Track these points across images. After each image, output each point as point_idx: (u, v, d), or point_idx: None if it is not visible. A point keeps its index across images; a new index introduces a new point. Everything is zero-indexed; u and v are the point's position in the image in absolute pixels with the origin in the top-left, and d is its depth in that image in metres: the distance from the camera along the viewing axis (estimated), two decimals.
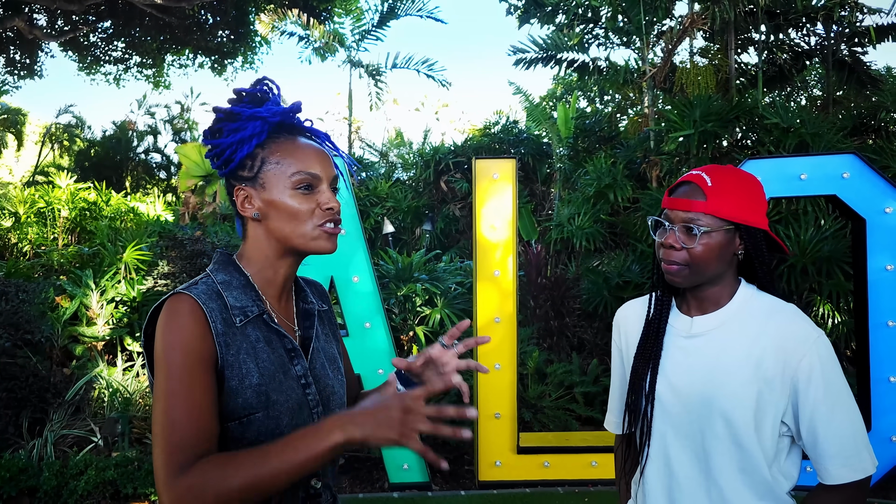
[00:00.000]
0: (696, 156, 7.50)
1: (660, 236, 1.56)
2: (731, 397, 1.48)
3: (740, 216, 1.49)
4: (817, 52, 10.83)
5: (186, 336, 1.23)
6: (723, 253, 1.51)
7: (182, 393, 1.21)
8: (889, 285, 4.56)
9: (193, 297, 1.27)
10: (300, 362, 1.37)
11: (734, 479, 1.50)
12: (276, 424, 1.28)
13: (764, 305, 1.55)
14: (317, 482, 1.37)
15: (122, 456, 4.61)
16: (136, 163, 20.78)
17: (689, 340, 1.57)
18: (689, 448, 1.54)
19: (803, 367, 1.45)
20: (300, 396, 1.34)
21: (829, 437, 1.45)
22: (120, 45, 17.61)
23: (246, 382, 1.27)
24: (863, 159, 4.62)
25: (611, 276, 7.47)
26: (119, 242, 7.52)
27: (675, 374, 1.57)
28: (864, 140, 8.21)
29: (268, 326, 1.35)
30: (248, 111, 1.36)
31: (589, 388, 5.85)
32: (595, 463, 4.84)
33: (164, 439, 1.20)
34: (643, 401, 1.60)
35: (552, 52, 10.30)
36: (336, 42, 12.50)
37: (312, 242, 1.36)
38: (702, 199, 1.49)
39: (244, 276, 1.38)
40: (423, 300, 6.31)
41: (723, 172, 1.52)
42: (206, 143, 1.39)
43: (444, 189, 12.34)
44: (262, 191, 1.35)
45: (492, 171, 4.84)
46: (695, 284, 1.55)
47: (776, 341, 1.48)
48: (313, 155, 1.38)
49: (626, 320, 1.76)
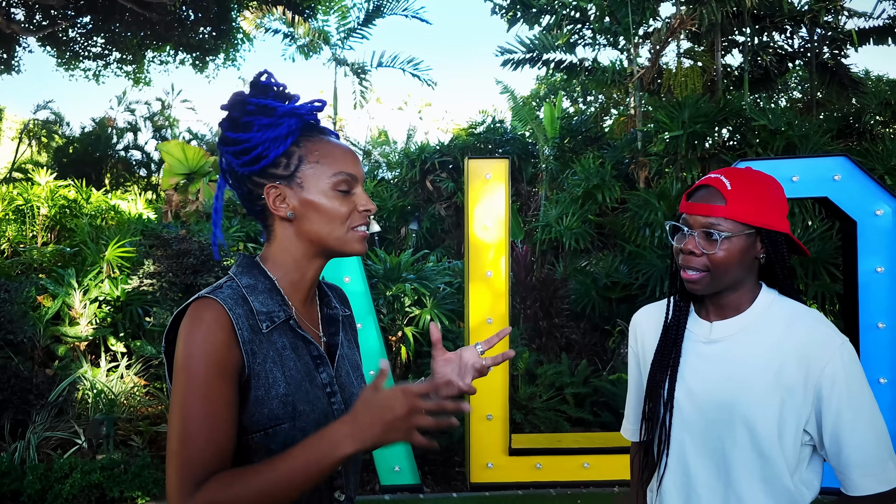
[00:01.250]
0: (685, 157, 7.52)
1: (678, 242, 1.52)
2: (754, 404, 1.44)
3: (761, 220, 1.45)
4: (800, 54, 10.93)
5: (210, 345, 1.17)
6: (744, 258, 1.47)
7: (201, 406, 1.16)
8: (879, 287, 4.59)
9: (220, 303, 1.21)
10: (326, 370, 1.32)
11: (755, 489, 1.46)
12: (302, 436, 1.22)
13: (785, 311, 1.51)
14: (340, 495, 1.32)
15: (108, 458, 4.52)
16: (116, 160, 20.51)
17: (709, 346, 1.53)
18: (707, 456, 1.51)
19: (827, 375, 1.41)
20: (326, 406, 1.29)
21: (853, 447, 1.41)
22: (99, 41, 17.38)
23: (272, 392, 1.22)
24: (854, 162, 4.65)
25: (599, 277, 7.48)
26: (101, 241, 7.40)
27: (693, 380, 1.53)
28: (848, 143, 8.28)
29: (294, 332, 1.30)
30: (284, 107, 1.30)
31: (579, 389, 5.84)
32: (587, 464, 4.83)
33: (179, 454, 1.15)
34: (661, 409, 1.56)
35: (539, 52, 10.30)
36: (321, 40, 12.41)
37: (347, 244, 1.32)
38: (721, 204, 1.44)
39: (269, 280, 1.32)
40: (411, 300, 6.26)
41: (742, 175, 1.48)
42: (231, 135, 1.30)
43: (430, 188, 12.30)
44: (299, 190, 1.30)
45: (485, 171, 4.81)
46: (715, 291, 1.50)
47: (799, 348, 1.44)
48: (349, 155, 1.34)
49: (642, 326, 1.72)
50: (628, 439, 1.83)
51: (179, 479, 1.14)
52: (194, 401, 1.16)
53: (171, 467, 1.15)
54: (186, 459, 1.14)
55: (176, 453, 1.15)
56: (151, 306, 6.20)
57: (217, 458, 1.16)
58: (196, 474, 1.14)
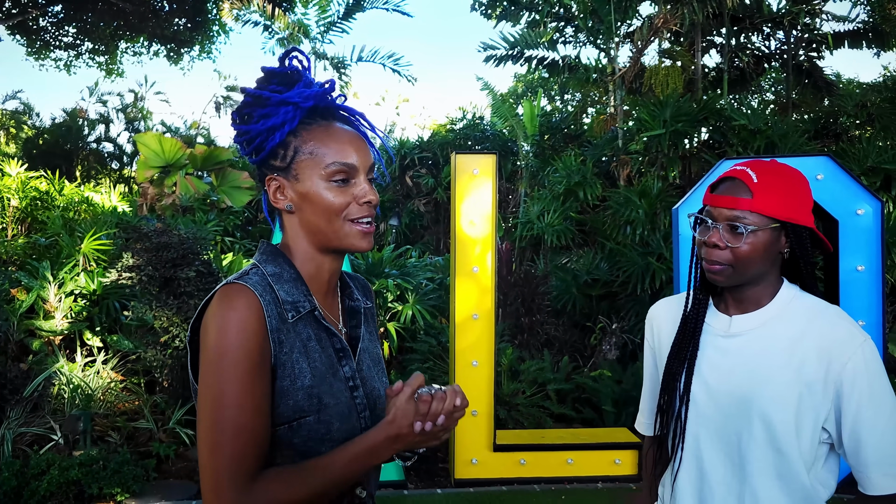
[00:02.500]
0: (666, 155, 7.57)
1: (701, 234, 1.50)
2: (772, 400, 1.43)
3: (787, 214, 1.42)
4: (777, 56, 11.07)
5: (247, 333, 1.13)
6: (768, 252, 1.45)
7: (242, 396, 1.12)
8: (860, 286, 4.66)
9: (250, 288, 1.17)
10: (348, 363, 1.29)
11: (771, 485, 1.45)
12: (326, 429, 1.20)
13: (807, 306, 1.49)
14: (361, 491, 1.30)
15: (87, 455, 4.43)
16: (88, 152, 20.15)
17: (728, 340, 1.52)
18: (723, 451, 1.49)
19: (847, 372, 1.40)
20: (348, 400, 1.26)
21: (872, 445, 1.39)
22: (71, 31, 17.09)
23: (298, 384, 1.19)
24: (836, 162, 4.71)
25: (579, 274, 7.50)
26: (77, 233, 7.26)
27: (711, 374, 1.51)
28: (825, 143, 8.40)
29: (318, 324, 1.26)
30: (278, 96, 1.24)
31: (561, 386, 5.85)
32: (571, 460, 4.84)
33: (223, 447, 1.10)
34: (677, 402, 1.55)
35: (522, 49, 10.31)
36: (300, 33, 12.29)
37: (346, 239, 1.26)
38: (748, 197, 1.42)
39: (294, 270, 1.27)
40: (394, 296, 6.24)
41: (768, 168, 1.46)
42: (235, 127, 1.29)
43: (410, 184, 12.26)
44: (295, 182, 1.25)
45: (472, 166, 4.79)
46: (737, 284, 1.49)
47: (820, 344, 1.43)
48: (349, 142, 1.27)
49: (659, 319, 1.70)
50: (642, 433, 1.81)
51: (229, 473, 1.10)
52: (233, 389, 1.11)
53: (215, 461, 1.11)
54: (233, 454, 1.10)
55: (219, 446, 1.11)
56: (129, 300, 6.09)
57: (263, 451, 1.14)
58: (249, 467, 1.11)
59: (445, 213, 11.79)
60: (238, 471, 1.10)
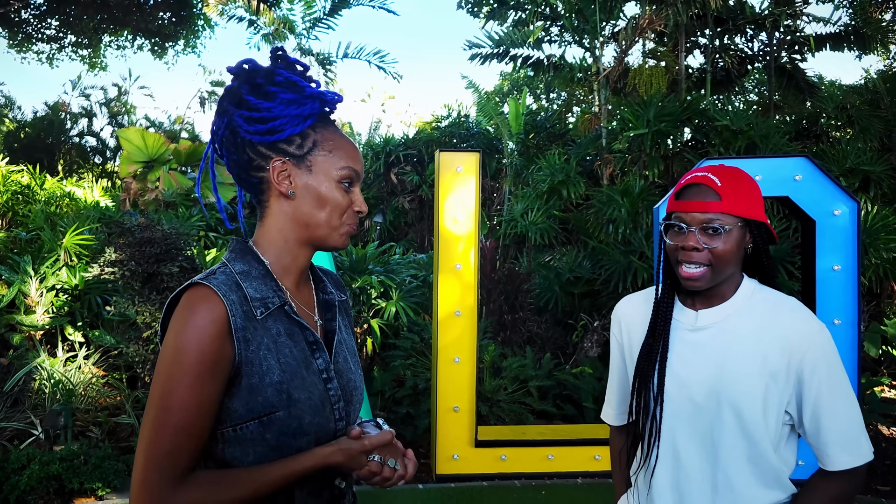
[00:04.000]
0: (649, 155, 7.63)
1: (674, 239, 1.57)
2: (741, 390, 1.51)
3: (751, 213, 1.53)
4: (759, 57, 11.17)
5: (204, 337, 1.16)
6: (739, 249, 1.55)
7: (188, 398, 1.15)
8: (836, 285, 4.73)
9: (214, 289, 1.20)
10: (322, 356, 1.31)
11: (742, 469, 1.53)
12: (297, 423, 1.23)
13: (768, 299, 1.59)
14: (341, 482, 1.33)
15: (68, 450, 4.42)
16: (70, 146, 19.99)
17: (695, 333, 1.59)
18: (696, 440, 1.57)
19: (808, 359, 1.50)
20: (322, 392, 1.29)
21: (831, 425, 1.50)
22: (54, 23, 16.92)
23: (266, 380, 1.21)
24: (814, 163, 4.77)
25: (562, 272, 7.55)
26: (59, 228, 7.21)
27: (681, 368, 1.59)
28: (805, 144, 8.50)
29: (289, 318, 1.29)
30: (312, 89, 1.29)
31: (543, 382, 5.89)
32: (551, 456, 4.88)
33: (158, 443, 1.14)
34: (651, 401, 1.61)
35: (507, 47, 10.34)
36: (286, 29, 12.25)
37: (333, 237, 1.32)
38: (717, 200, 1.51)
39: (263, 266, 1.30)
40: (378, 293, 6.25)
41: (727, 172, 1.56)
42: (252, 100, 1.27)
43: (394, 181, 12.26)
44: (306, 173, 1.29)
45: (455, 163, 4.82)
46: (713, 285, 1.56)
47: (782, 334, 1.52)
48: (356, 153, 1.35)
49: (628, 317, 1.76)
50: (609, 423, 1.87)
51: (160, 468, 1.13)
52: (181, 391, 1.14)
53: (147, 457, 1.14)
54: (168, 451, 1.14)
55: (154, 443, 1.14)
56: (111, 295, 6.07)
57: (196, 453, 1.17)
58: (180, 465, 1.14)
59: (430, 211, 11.81)
60: (168, 467, 1.13)
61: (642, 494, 1.68)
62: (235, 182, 1.37)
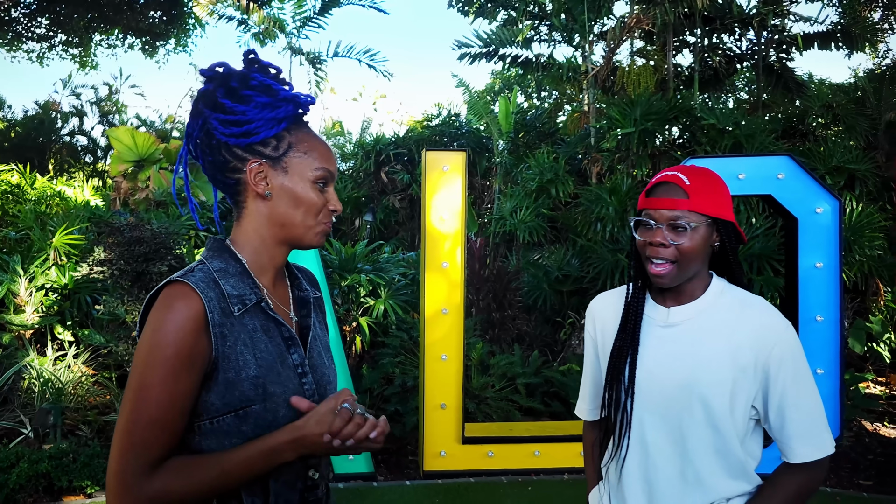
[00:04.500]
0: (636, 153, 7.69)
1: (643, 235, 1.62)
2: (710, 383, 1.55)
3: (717, 210, 1.57)
4: (748, 56, 11.24)
5: (180, 333, 1.19)
6: (704, 246, 1.59)
7: (163, 392, 1.18)
8: (818, 282, 4.79)
9: (192, 286, 1.23)
10: (297, 351, 1.35)
11: (710, 460, 1.58)
12: (273, 416, 1.26)
13: (736, 298, 1.64)
14: (314, 473, 1.36)
15: (57, 448, 4.45)
16: (61, 145, 19.93)
17: (666, 329, 1.64)
18: (666, 432, 1.61)
19: (774, 355, 1.54)
20: (297, 386, 1.32)
21: (795, 419, 1.55)
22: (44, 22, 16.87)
23: (243, 374, 1.25)
24: (797, 161, 4.83)
25: (551, 270, 7.60)
26: (48, 227, 7.22)
27: (653, 362, 1.63)
28: (792, 143, 8.57)
29: (266, 315, 1.32)
30: (286, 92, 1.33)
31: (531, 380, 5.94)
32: (538, 452, 4.93)
33: (131, 436, 1.18)
34: (622, 394, 1.65)
35: (496, 47, 10.37)
36: (276, 28, 12.26)
37: (308, 236, 1.36)
38: (684, 198, 1.56)
39: (240, 263, 1.34)
40: (366, 291, 6.28)
41: (695, 171, 1.60)
42: (227, 103, 1.30)
43: (385, 180, 12.29)
44: (282, 174, 1.33)
45: (442, 162, 4.85)
46: (679, 282, 1.61)
47: (750, 332, 1.57)
48: (330, 153, 1.39)
49: (601, 313, 1.81)
50: (583, 418, 1.92)
51: (134, 460, 1.17)
52: (156, 385, 1.18)
53: (121, 448, 1.18)
54: (139, 441, 1.17)
55: (128, 434, 1.18)
56: (101, 294, 6.08)
57: (169, 445, 1.20)
58: (153, 457, 1.18)
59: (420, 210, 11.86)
60: (142, 459, 1.17)
61: (613, 486, 1.72)
62: (211, 183, 1.40)
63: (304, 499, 1.34)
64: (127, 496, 1.16)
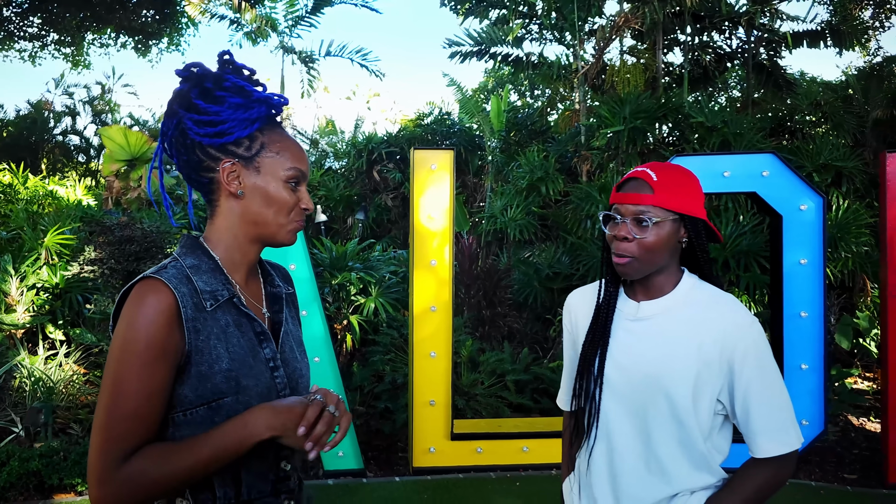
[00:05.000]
0: (626, 151, 7.73)
1: (611, 229, 1.65)
2: (675, 376, 1.59)
3: (684, 207, 1.60)
4: (738, 55, 11.30)
5: (153, 327, 1.23)
6: (669, 242, 1.61)
7: (138, 385, 1.22)
8: (803, 278, 4.83)
9: (165, 282, 1.26)
10: (269, 345, 1.38)
11: (673, 451, 1.61)
12: (245, 409, 1.29)
13: (705, 294, 1.67)
14: (286, 464, 1.39)
15: (48, 446, 4.47)
16: (53, 145, 19.91)
17: (636, 323, 1.67)
18: (631, 423, 1.65)
19: (739, 350, 1.57)
20: (269, 380, 1.36)
21: (760, 413, 1.57)
22: (36, 21, 16.83)
23: (216, 368, 1.28)
24: (781, 159, 4.88)
25: (541, 268, 7.64)
26: (40, 227, 7.24)
27: (622, 354, 1.67)
28: (780, 140, 8.63)
29: (238, 310, 1.36)
30: (259, 93, 1.37)
31: (520, 377, 5.98)
32: (526, 448, 4.97)
33: (108, 427, 1.21)
34: (592, 384, 1.69)
35: (487, 46, 10.41)
36: (268, 27, 12.27)
37: (280, 234, 1.39)
38: (650, 193, 1.59)
39: (213, 260, 1.37)
40: (357, 289, 6.32)
41: (665, 168, 1.63)
42: (201, 104, 1.34)
43: (377, 179, 12.31)
44: (254, 173, 1.36)
45: (430, 161, 4.89)
46: (644, 275, 1.64)
47: (717, 326, 1.60)
48: (302, 153, 1.42)
49: (576, 306, 1.85)
50: (562, 408, 1.96)
51: (106, 451, 1.20)
52: (130, 378, 1.21)
53: (98, 439, 1.21)
54: (116, 433, 1.21)
55: (106, 427, 1.21)
56: (92, 294, 6.11)
57: (146, 436, 1.24)
58: (125, 448, 1.21)
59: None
60: (119, 449, 1.21)
61: (582, 474, 1.76)
62: (185, 181, 1.43)
63: (276, 489, 1.38)
64: (107, 484, 1.20)
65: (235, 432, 1.23)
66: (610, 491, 1.68)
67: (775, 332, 4.98)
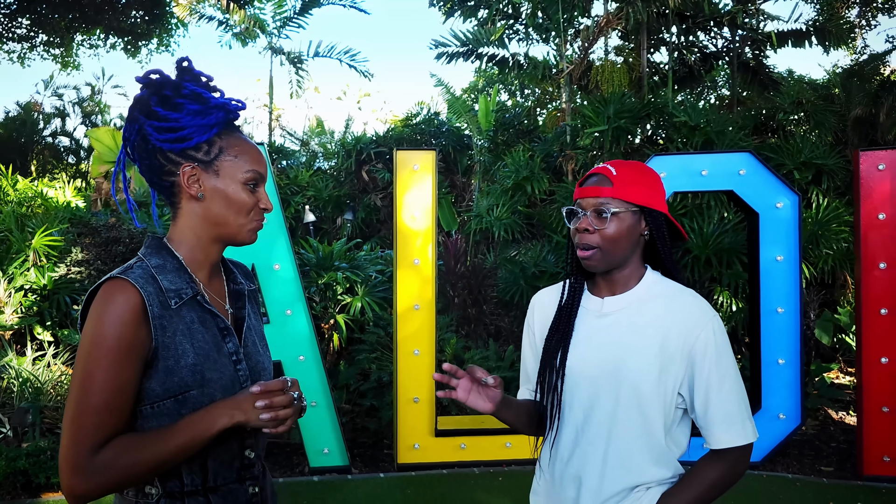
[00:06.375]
0: (610, 151, 7.81)
1: (574, 224, 1.71)
2: (639, 369, 1.64)
3: (643, 200, 1.66)
4: (724, 54, 11.40)
5: (121, 325, 1.29)
6: (630, 233, 1.67)
7: (107, 380, 1.28)
8: (779, 275, 4.92)
9: (131, 282, 1.32)
10: (232, 340, 1.45)
11: (633, 444, 1.66)
12: (210, 401, 1.36)
13: (668, 289, 1.73)
14: (250, 452, 1.46)
15: (35, 446, 4.52)
16: (43, 146, 19.89)
17: (600, 319, 1.73)
18: (594, 416, 1.70)
19: (700, 342, 1.63)
20: (232, 373, 1.42)
21: (718, 405, 1.63)
22: (25, 22, 16.80)
23: (182, 362, 1.35)
24: (758, 157, 4.96)
25: (527, 266, 7.71)
26: (28, 228, 7.27)
27: (586, 348, 1.72)
28: (763, 139, 8.72)
29: (202, 307, 1.42)
30: (217, 100, 1.43)
31: (505, 374, 6.05)
32: (509, 444, 5.05)
33: (78, 421, 1.27)
34: (554, 376, 1.75)
35: (473, 46, 10.48)
36: (257, 28, 12.31)
37: (241, 234, 1.46)
38: (609, 186, 1.65)
39: (177, 260, 1.43)
40: (343, 288, 6.37)
41: (626, 164, 1.70)
42: (161, 111, 1.39)
43: (366, 179, 12.37)
44: (213, 177, 1.42)
45: (412, 161, 4.96)
46: (609, 267, 1.70)
47: (679, 320, 1.66)
48: (260, 156, 1.49)
49: (542, 304, 1.90)
50: None
51: (77, 442, 1.27)
52: (99, 373, 1.28)
53: (70, 431, 1.27)
54: (87, 426, 1.27)
55: (76, 419, 1.27)
56: (79, 295, 6.15)
57: (115, 429, 1.30)
58: (96, 440, 1.27)
59: None
60: (90, 441, 1.27)
61: (544, 464, 1.83)
62: (148, 185, 1.50)
63: (241, 476, 1.45)
64: (78, 475, 1.26)
65: (201, 422, 1.31)
66: (572, 484, 1.73)
67: (753, 328, 5.07)
